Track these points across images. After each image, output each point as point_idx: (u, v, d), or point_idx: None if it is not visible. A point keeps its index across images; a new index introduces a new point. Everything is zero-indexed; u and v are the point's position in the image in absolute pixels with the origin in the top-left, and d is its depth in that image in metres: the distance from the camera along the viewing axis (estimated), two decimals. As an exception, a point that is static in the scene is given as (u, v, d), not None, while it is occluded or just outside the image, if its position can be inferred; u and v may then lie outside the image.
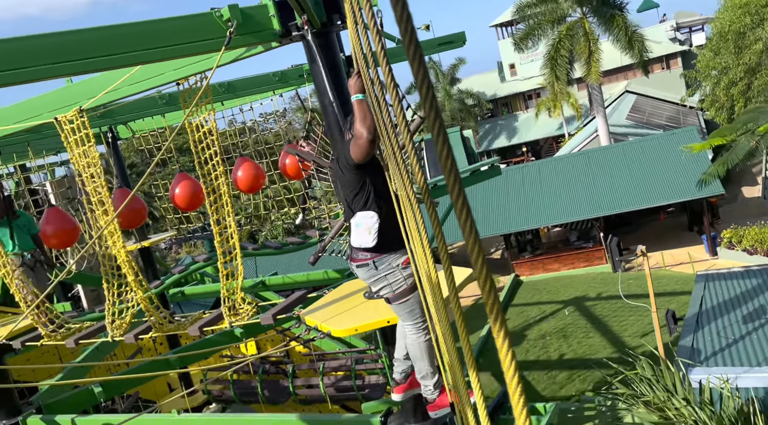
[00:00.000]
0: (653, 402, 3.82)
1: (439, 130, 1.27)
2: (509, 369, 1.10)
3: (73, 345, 5.98)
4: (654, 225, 26.92)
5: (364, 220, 3.67)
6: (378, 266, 3.70)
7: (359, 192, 3.71)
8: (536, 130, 45.23)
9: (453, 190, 1.23)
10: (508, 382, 1.15)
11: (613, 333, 16.05)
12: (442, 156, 1.31)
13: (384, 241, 3.65)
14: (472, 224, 1.20)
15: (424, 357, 3.90)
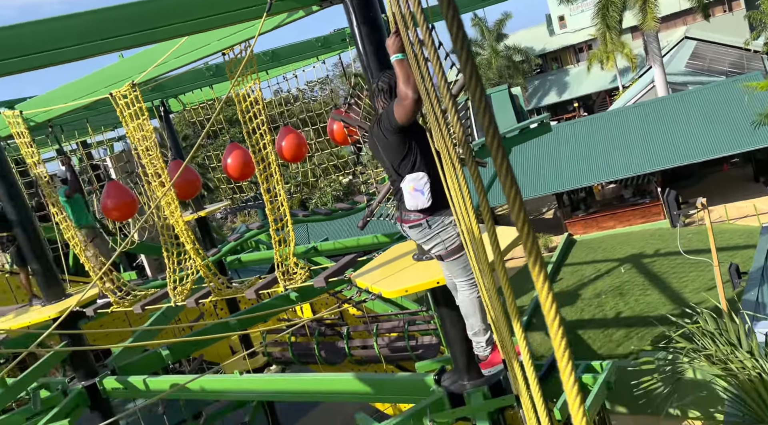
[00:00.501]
0: (716, 356, 3.73)
1: (479, 95, 1.24)
2: (556, 334, 1.11)
3: (140, 310, 6.31)
4: (716, 177, 25.75)
5: (415, 182, 3.69)
6: (431, 225, 3.73)
7: (406, 155, 3.71)
8: (588, 84, 43.55)
9: (496, 156, 1.21)
10: (555, 347, 1.15)
11: (673, 290, 15.63)
12: (484, 121, 1.28)
13: (436, 200, 3.66)
14: (516, 189, 1.18)
15: (476, 313, 3.95)
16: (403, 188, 3.74)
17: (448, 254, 3.81)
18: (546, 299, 1.09)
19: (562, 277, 19.60)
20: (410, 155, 3.70)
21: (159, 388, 6.31)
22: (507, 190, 1.19)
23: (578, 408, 1.19)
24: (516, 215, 1.11)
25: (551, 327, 1.15)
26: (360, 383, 5.57)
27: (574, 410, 1.20)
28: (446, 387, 5.01)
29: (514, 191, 1.18)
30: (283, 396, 6.27)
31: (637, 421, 9.80)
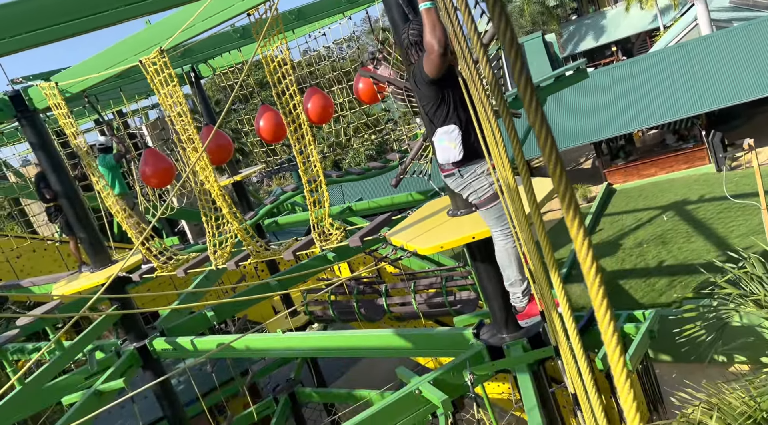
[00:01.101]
0: (764, 301, 3.63)
1: (511, 45, 1.17)
2: (593, 284, 1.07)
3: (183, 274, 6.48)
4: (765, 117, 24.59)
5: (446, 135, 3.72)
6: (463, 175, 3.79)
7: (439, 106, 3.72)
8: (627, 26, 41.64)
9: (529, 107, 1.15)
10: (592, 297, 1.11)
11: (718, 236, 15.20)
12: (515, 72, 1.21)
13: (467, 151, 3.70)
14: (552, 141, 1.13)
15: (512, 263, 3.97)
16: (435, 140, 3.79)
17: (482, 203, 3.86)
18: (582, 247, 1.05)
19: (602, 227, 19.28)
20: (443, 105, 3.71)
21: (206, 348, 6.54)
22: (541, 142, 1.14)
23: (618, 358, 1.16)
24: (552, 166, 1.06)
25: (588, 277, 1.11)
26: (399, 338, 5.65)
27: (614, 360, 1.17)
28: (485, 341, 5.04)
29: (550, 142, 1.13)
30: (325, 352, 6.42)
31: (681, 369, 9.72)
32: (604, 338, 1.20)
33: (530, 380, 4.63)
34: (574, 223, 1.11)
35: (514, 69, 1.16)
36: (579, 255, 1.15)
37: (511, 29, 1.13)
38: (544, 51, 33.34)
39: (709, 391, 3.63)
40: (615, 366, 1.17)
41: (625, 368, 1.25)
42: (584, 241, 1.12)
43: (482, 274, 5.01)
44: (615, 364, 1.16)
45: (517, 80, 1.22)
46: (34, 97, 6.87)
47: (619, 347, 1.21)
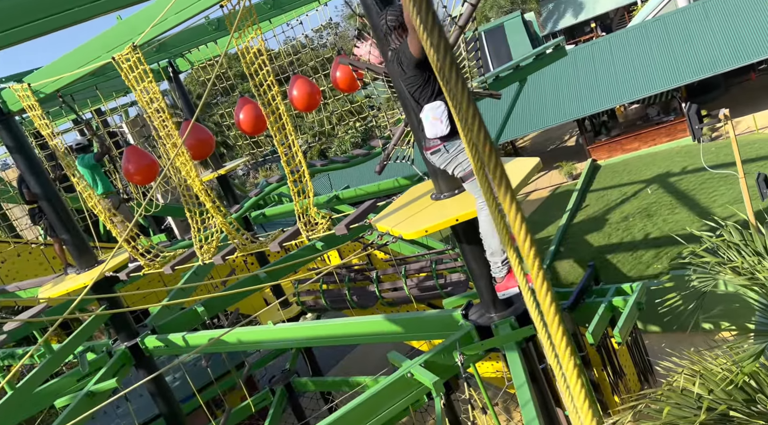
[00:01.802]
0: (741, 268, 3.70)
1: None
2: (524, 242, 1.09)
3: (170, 271, 6.47)
4: (744, 87, 24.81)
5: (433, 111, 3.84)
6: (449, 150, 3.91)
7: (425, 85, 3.84)
8: (605, 2, 41.67)
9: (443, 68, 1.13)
10: (520, 242, 1.13)
11: (702, 207, 15.39)
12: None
13: (453, 126, 3.81)
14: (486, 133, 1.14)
15: (494, 232, 4.09)
16: (423, 117, 3.91)
17: (467, 175, 3.98)
18: (510, 208, 1.07)
19: (588, 204, 19.43)
20: (429, 84, 3.83)
21: (198, 343, 6.55)
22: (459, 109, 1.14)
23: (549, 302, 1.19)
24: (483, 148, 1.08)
25: (525, 252, 1.13)
26: (390, 323, 5.69)
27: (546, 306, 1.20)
28: (474, 321, 5.09)
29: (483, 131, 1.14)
30: (318, 341, 6.45)
31: (670, 339, 9.89)
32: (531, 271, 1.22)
33: (519, 357, 4.69)
34: (505, 198, 1.12)
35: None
36: (510, 219, 1.17)
37: None
38: (523, 30, 33.27)
39: (693, 359, 3.71)
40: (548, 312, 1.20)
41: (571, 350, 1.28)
42: (516, 212, 1.13)
43: (468, 255, 5.05)
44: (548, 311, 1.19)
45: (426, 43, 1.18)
46: (8, 99, 6.77)
47: (561, 329, 1.23)
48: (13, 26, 4.07)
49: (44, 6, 3.89)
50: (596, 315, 6.77)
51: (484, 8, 41.51)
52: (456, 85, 1.08)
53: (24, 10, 4.01)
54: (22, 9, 3.93)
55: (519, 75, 11.77)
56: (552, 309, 1.58)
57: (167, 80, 10.80)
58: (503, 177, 1.07)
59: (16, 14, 4.01)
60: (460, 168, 3.97)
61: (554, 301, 1.29)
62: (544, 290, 1.44)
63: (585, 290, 7.56)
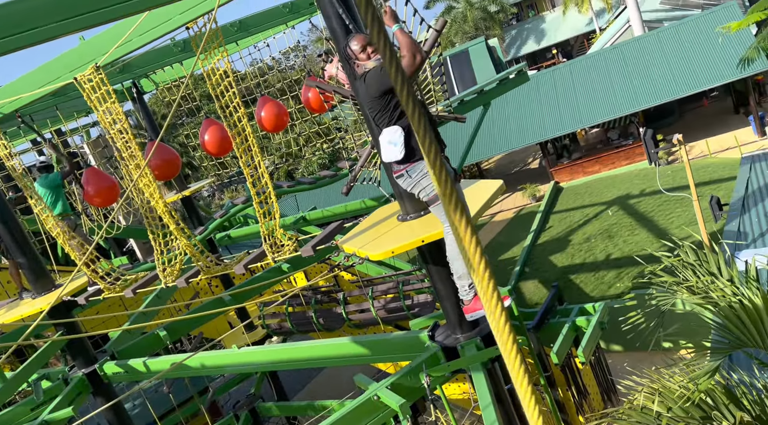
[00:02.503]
0: (696, 287, 3.82)
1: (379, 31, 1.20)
2: (474, 255, 1.12)
3: (131, 294, 6.32)
4: (697, 112, 25.83)
5: (389, 135, 3.88)
6: (411, 175, 3.94)
7: (384, 110, 3.89)
8: (565, 29, 43.07)
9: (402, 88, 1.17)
10: (475, 267, 1.17)
11: (660, 228, 15.85)
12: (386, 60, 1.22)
13: (411, 151, 3.86)
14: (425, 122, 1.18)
15: (460, 256, 4.10)
16: (380, 140, 3.95)
17: (431, 199, 4.02)
18: (460, 222, 1.11)
19: (551, 225, 19.79)
20: (388, 110, 3.88)
21: (159, 368, 6.38)
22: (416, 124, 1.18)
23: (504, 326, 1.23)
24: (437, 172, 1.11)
25: (469, 250, 1.17)
26: (356, 346, 5.66)
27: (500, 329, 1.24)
28: (440, 342, 5.11)
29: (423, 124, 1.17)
30: (284, 365, 6.36)
31: (631, 358, 10.07)
32: (485, 298, 1.26)
33: (484, 378, 4.72)
34: (460, 221, 1.16)
35: (385, 59, 1.18)
36: (461, 234, 1.21)
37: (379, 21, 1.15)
38: (487, 55, 34.04)
39: (652, 377, 3.80)
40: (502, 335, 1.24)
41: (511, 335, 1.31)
42: (462, 217, 1.17)
43: (435, 276, 5.08)
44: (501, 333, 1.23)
45: (389, 68, 1.23)
46: (-36, 119, 6.58)
47: (511, 335, 1.27)
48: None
49: (3, 27, 3.82)
50: (560, 335, 6.88)
51: (448, 34, 42.37)
52: (413, 113, 1.12)
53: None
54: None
55: (483, 99, 12.02)
56: (506, 330, 1.61)
57: (131, 101, 10.67)
58: (458, 203, 1.10)
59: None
60: (425, 192, 4.01)
61: (509, 323, 1.32)
62: (498, 314, 1.48)
63: (549, 311, 7.68)
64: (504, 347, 1.28)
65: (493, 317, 1.25)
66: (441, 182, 1.11)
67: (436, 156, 1.12)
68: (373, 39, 1.10)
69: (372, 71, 3.84)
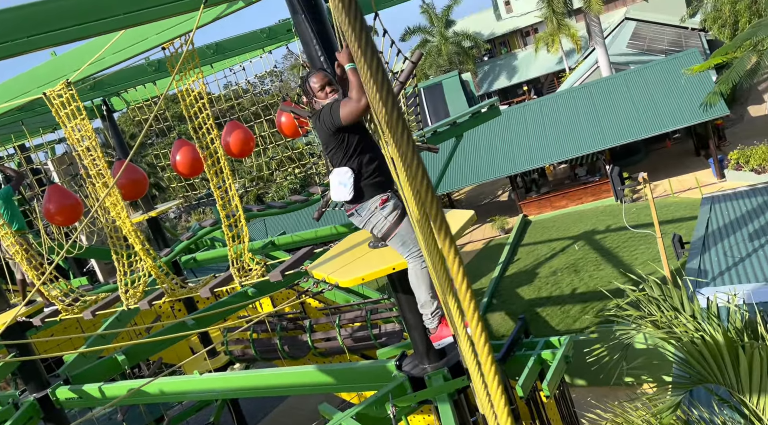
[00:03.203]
0: (660, 321, 3.89)
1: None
2: (462, 286, 1.12)
3: (90, 316, 6.11)
4: (661, 153, 26.67)
5: (339, 176, 3.91)
6: (361, 213, 3.98)
7: (337, 149, 3.89)
8: (536, 67, 44.32)
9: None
10: (461, 297, 1.17)
11: (624, 264, 16.16)
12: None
13: (359, 192, 3.91)
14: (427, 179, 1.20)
15: (421, 285, 4.09)
16: (330, 180, 3.99)
17: (384, 235, 4.04)
18: (449, 252, 1.11)
19: (519, 257, 20.00)
20: (342, 149, 3.89)
21: (115, 394, 6.16)
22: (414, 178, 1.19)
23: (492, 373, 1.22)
24: (426, 198, 1.12)
25: (459, 286, 1.17)
26: (321, 374, 5.57)
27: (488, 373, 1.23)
28: (407, 372, 5.06)
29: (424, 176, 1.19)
30: (246, 392, 6.20)
31: (595, 392, 10.13)
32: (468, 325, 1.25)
33: (450, 409, 4.67)
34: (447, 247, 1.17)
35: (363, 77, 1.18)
36: (449, 263, 1.21)
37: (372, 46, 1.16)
38: (461, 89, 34.75)
39: (616, 411, 3.82)
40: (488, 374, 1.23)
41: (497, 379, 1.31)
42: (451, 247, 1.18)
43: (404, 305, 5.06)
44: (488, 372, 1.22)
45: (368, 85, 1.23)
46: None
47: (491, 364, 1.27)
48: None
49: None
50: (526, 368, 6.88)
51: (423, 66, 43.15)
52: (402, 136, 1.12)
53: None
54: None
55: (456, 131, 12.21)
56: (486, 353, 1.60)
57: (100, 118, 10.51)
58: (443, 224, 1.11)
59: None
60: (377, 229, 4.04)
61: (490, 349, 1.32)
62: (481, 339, 1.47)
63: (515, 343, 7.69)
64: (485, 367, 1.27)
65: (477, 339, 1.25)
66: (426, 198, 1.11)
67: (424, 175, 1.12)
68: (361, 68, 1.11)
69: (326, 108, 3.83)
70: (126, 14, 4.22)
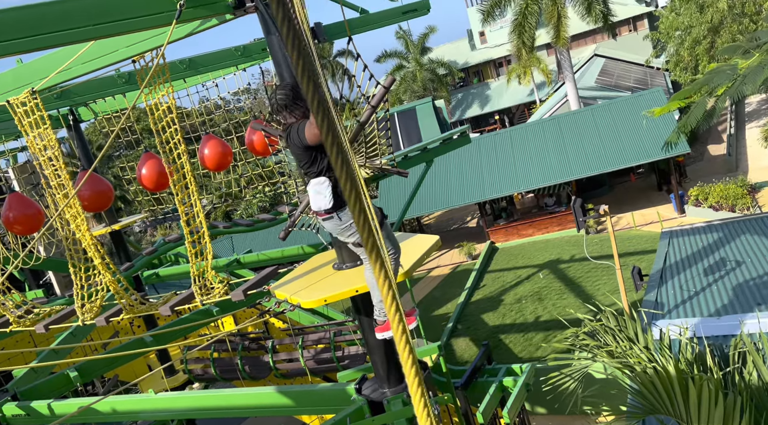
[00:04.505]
0: (616, 352, 3.97)
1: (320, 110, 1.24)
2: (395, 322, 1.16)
3: (43, 330, 5.93)
4: (625, 186, 27.38)
5: (317, 186, 4.03)
6: (342, 218, 4.04)
7: (312, 163, 4.04)
8: (508, 97, 45.28)
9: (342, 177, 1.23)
10: (394, 332, 1.20)
11: (587, 293, 16.43)
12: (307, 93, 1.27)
13: (339, 198, 3.99)
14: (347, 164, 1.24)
15: None
16: (308, 190, 4.11)
17: (359, 243, 4.14)
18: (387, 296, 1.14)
19: (485, 283, 20.15)
20: (316, 164, 4.04)
21: (65, 412, 5.95)
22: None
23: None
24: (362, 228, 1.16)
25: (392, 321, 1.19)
26: (281, 396, 5.49)
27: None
28: (367, 396, 5.03)
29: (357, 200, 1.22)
30: (203, 413, 6.06)
31: (555, 420, 10.20)
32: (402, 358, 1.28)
33: (408, 435, 4.65)
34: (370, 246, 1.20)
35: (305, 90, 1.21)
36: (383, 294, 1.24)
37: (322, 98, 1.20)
38: (433, 115, 35.24)
39: (571, 439, 3.85)
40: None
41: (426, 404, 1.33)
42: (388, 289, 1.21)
43: (366, 327, 5.05)
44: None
45: (313, 109, 1.26)
46: None
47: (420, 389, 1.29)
48: None
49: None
50: (487, 395, 6.91)
51: (398, 91, 43.67)
52: (337, 161, 1.15)
53: None
54: None
55: (426, 156, 12.33)
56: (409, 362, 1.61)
57: (66, 128, 10.32)
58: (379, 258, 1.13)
59: None
60: (354, 237, 4.14)
61: (413, 357, 1.33)
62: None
63: (478, 370, 7.72)
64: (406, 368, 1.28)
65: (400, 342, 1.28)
66: (360, 227, 1.13)
67: (362, 212, 1.15)
68: (305, 92, 1.15)
69: (294, 128, 3.98)
70: (96, 25, 4.20)
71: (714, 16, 25.67)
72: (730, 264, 8.80)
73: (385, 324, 4.43)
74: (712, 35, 26.36)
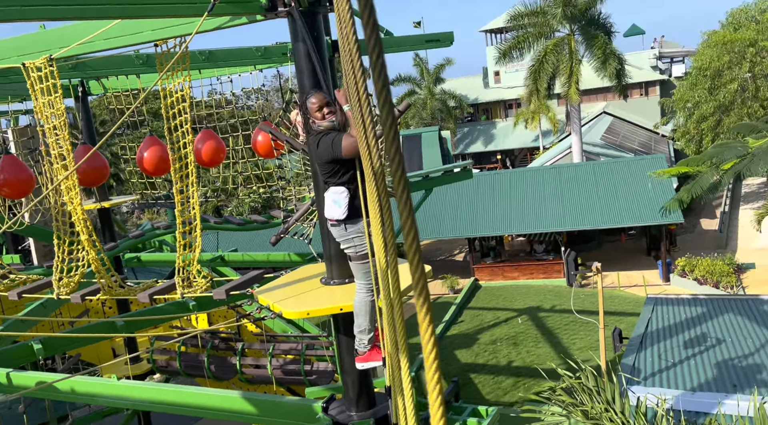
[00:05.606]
0: (591, 413, 3.92)
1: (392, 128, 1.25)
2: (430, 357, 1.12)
3: (15, 297, 5.80)
4: (614, 245, 27.52)
5: (335, 195, 4.07)
6: (348, 228, 4.08)
7: (335, 173, 4.09)
8: (513, 139, 45.67)
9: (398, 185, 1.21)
10: (426, 368, 1.16)
11: (563, 346, 16.37)
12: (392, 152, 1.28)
13: (354, 210, 4.03)
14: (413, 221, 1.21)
15: (366, 314, 4.28)
16: (326, 196, 4.16)
17: (357, 257, 4.15)
18: (424, 319, 1.11)
19: (463, 319, 20.05)
20: (338, 174, 4.08)
21: (23, 384, 5.79)
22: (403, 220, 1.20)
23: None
24: (412, 252, 1.13)
25: (427, 363, 1.15)
26: (244, 401, 5.37)
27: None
28: (333, 416, 4.93)
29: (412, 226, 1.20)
30: (161, 406, 5.91)
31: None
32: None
33: (369, 463, 4.55)
34: (423, 310, 1.16)
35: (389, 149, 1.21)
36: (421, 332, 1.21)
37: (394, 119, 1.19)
38: (438, 144, 35.45)
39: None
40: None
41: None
42: (427, 314, 1.18)
43: (343, 347, 4.98)
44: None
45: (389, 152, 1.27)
46: None
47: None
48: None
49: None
50: (450, 433, 6.79)
51: (406, 116, 44.00)
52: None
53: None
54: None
55: (427, 184, 12.36)
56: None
57: (74, 99, 10.26)
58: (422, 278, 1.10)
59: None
60: (354, 249, 4.13)
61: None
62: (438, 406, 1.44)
63: (447, 404, 7.63)
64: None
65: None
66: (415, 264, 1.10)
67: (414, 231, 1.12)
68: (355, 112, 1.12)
69: (326, 138, 4.01)
70: (127, 5, 4.19)
71: (725, 96, 26.16)
72: (711, 341, 8.82)
73: (367, 354, 4.38)
74: (719, 114, 26.85)
